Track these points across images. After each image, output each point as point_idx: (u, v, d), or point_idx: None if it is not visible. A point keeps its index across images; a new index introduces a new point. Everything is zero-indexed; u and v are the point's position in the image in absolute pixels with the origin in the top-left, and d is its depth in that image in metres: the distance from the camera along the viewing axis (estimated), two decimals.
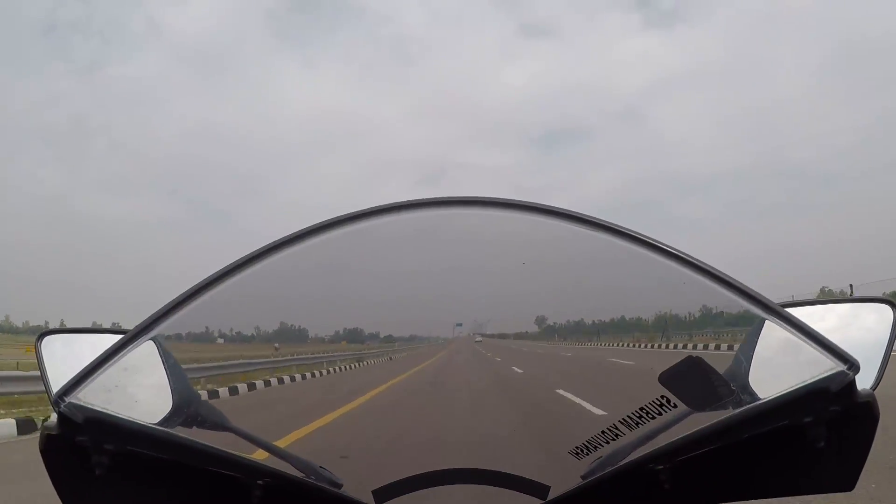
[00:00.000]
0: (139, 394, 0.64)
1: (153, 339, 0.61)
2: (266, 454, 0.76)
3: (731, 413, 0.54)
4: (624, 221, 0.53)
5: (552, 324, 1.31)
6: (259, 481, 0.63)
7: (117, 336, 0.90)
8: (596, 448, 0.74)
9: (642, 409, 0.65)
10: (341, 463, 0.85)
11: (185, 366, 0.75)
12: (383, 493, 0.78)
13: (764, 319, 0.52)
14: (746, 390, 0.62)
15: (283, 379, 12.07)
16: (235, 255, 0.56)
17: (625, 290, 0.75)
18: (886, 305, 0.81)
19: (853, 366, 0.47)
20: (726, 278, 0.51)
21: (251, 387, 10.55)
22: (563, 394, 4.16)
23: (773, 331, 0.52)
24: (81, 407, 0.50)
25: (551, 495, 0.74)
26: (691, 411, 0.62)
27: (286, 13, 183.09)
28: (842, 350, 0.48)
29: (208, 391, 7.01)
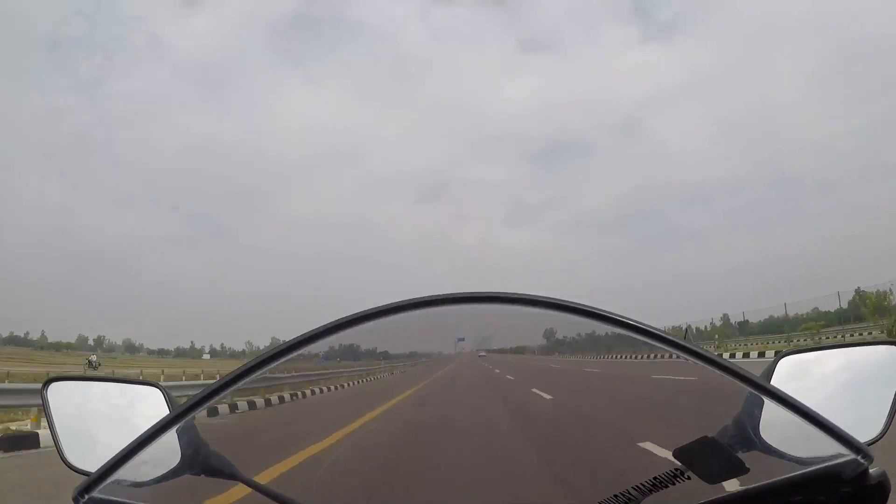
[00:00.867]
0: (149, 462, 0.63)
1: (158, 386, 0.69)
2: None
3: (747, 489, 0.55)
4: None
5: (562, 337, 1.22)
6: None
7: (124, 385, 0.86)
8: None
9: (656, 478, 0.64)
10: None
11: (175, 382, 0.66)
12: None
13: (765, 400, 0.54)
14: (759, 467, 0.62)
15: (271, 400, 11.05)
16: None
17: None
18: (894, 347, 0.80)
19: (866, 455, 0.49)
20: (724, 364, 0.53)
21: (232, 408, 9.15)
22: (650, 448, 2.55)
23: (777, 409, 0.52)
24: (102, 501, 0.52)
25: None
26: (705, 485, 0.62)
27: (287, 30, 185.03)
28: (854, 440, 0.49)
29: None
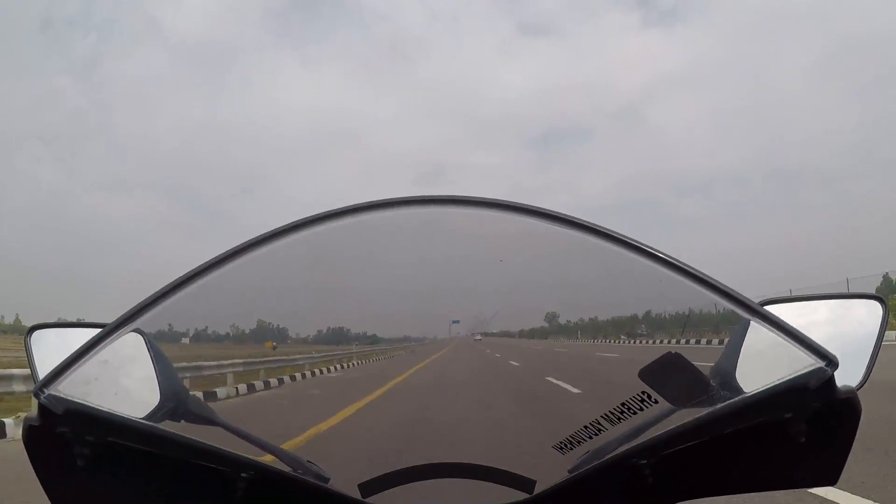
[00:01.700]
0: (123, 386, 0.63)
1: (139, 331, 0.59)
2: (254, 448, 0.75)
3: (712, 409, 0.54)
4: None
5: (566, 322, 1.27)
6: (244, 475, 0.63)
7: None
8: (580, 443, 0.74)
9: (624, 404, 0.65)
10: (329, 457, 0.85)
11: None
12: (370, 487, 0.78)
13: (749, 319, 0.52)
14: (729, 386, 0.62)
15: (255, 385, 10.69)
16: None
17: (611, 290, 0.74)
18: (876, 301, 0.80)
19: (831, 362, 0.48)
20: (709, 280, 0.52)
21: (208, 396, 8.42)
22: None
23: (757, 330, 0.52)
24: (61, 398, 0.49)
25: (537, 489, 0.75)
26: (673, 407, 0.62)
27: (284, 11, 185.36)
28: (821, 347, 0.48)
29: None
